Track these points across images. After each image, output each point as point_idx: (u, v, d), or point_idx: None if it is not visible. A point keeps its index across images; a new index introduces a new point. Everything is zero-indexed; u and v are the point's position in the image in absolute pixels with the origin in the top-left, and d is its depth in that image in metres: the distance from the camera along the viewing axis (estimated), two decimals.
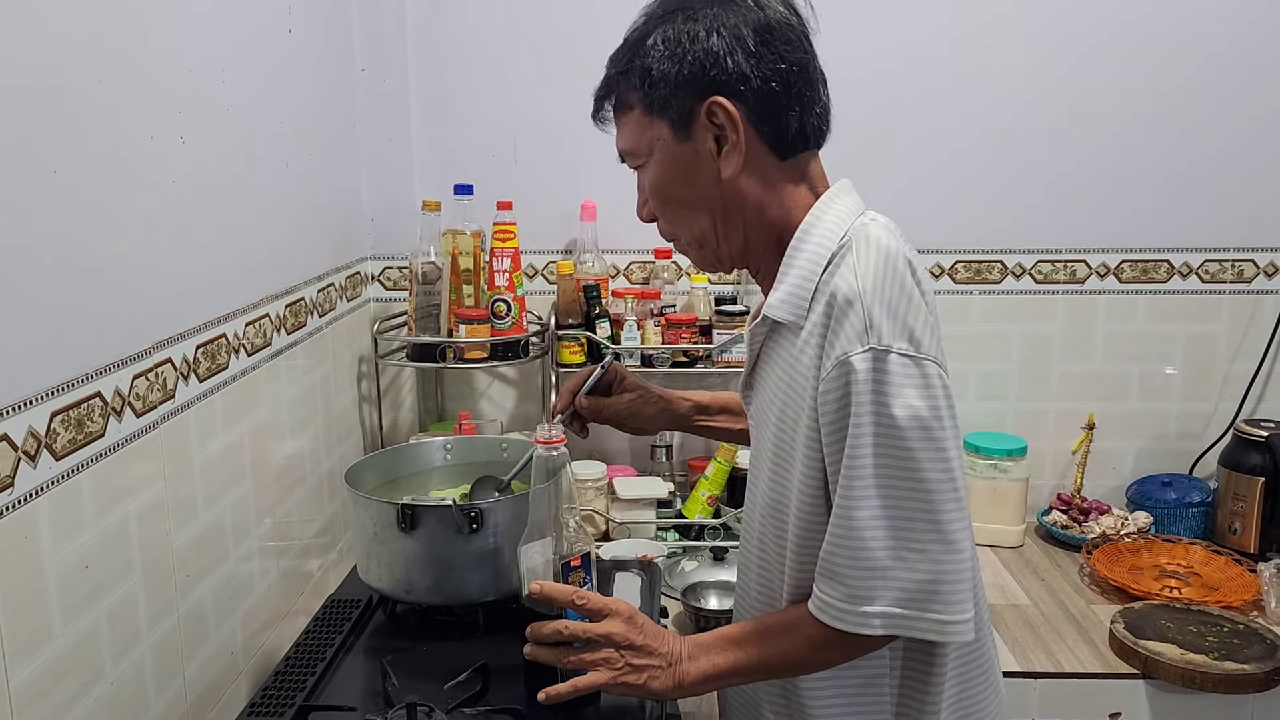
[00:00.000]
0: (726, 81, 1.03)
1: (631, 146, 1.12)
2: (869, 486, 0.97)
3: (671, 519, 2.09)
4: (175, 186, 1.26)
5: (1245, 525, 2.02)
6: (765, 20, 1.04)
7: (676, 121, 1.06)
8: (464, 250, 2.03)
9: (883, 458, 0.96)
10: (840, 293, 0.99)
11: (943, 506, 0.97)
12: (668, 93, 1.05)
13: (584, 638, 1.09)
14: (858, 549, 0.98)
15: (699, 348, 2.07)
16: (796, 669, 1.08)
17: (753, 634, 1.08)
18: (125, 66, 1.14)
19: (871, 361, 0.96)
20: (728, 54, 1.03)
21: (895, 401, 0.96)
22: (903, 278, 0.99)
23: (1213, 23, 2.10)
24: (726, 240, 1.11)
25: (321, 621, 1.38)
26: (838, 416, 0.98)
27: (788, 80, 1.04)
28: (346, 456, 1.94)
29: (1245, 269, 2.20)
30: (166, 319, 1.24)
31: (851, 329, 0.97)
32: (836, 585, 0.99)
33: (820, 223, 1.06)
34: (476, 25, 2.12)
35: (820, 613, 1.01)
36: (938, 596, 0.98)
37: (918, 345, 0.97)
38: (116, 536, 1.13)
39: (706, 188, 1.08)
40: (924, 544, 0.97)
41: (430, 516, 1.29)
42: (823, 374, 0.99)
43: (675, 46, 1.04)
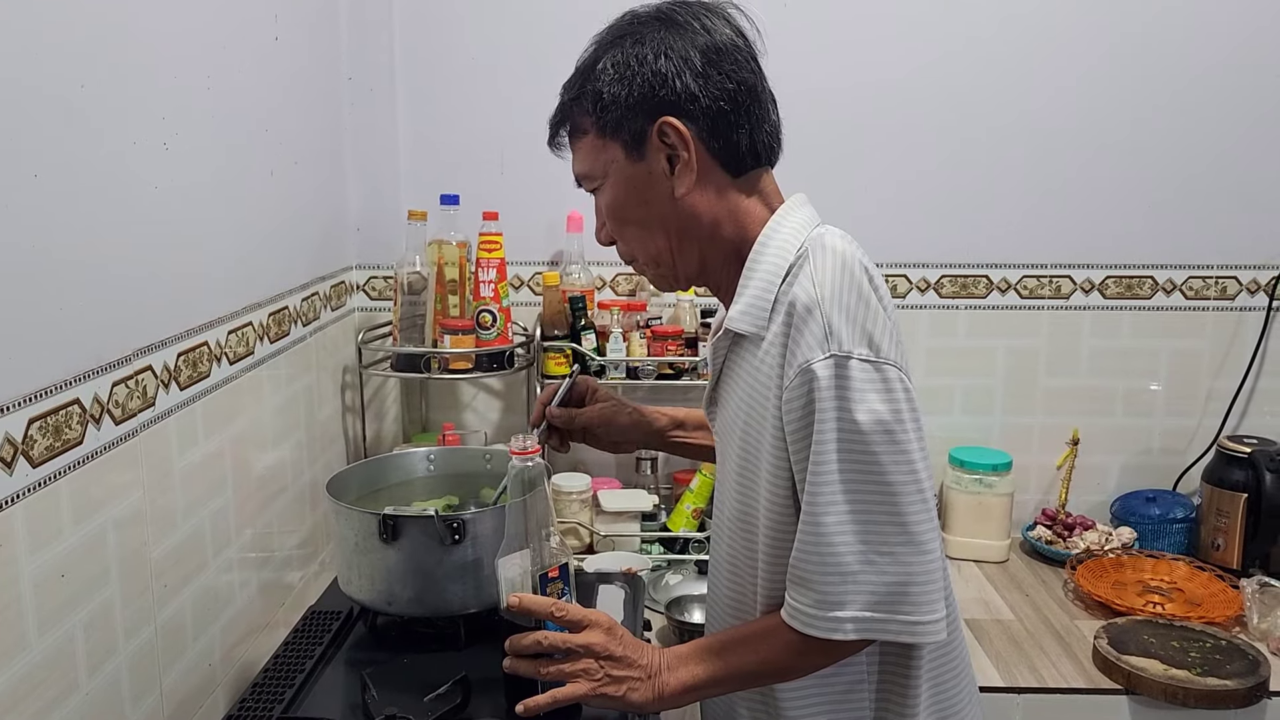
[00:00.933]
0: (676, 101, 1.06)
1: (587, 170, 1.14)
2: (835, 492, 0.98)
3: (656, 532, 2.08)
4: (158, 192, 1.25)
5: (1228, 541, 2.02)
6: (712, 43, 1.07)
7: (629, 143, 1.08)
8: (449, 260, 2.02)
9: (847, 463, 0.98)
10: (799, 301, 1.01)
11: (908, 509, 0.99)
12: (619, 115, 1.07)
13: (563, 649, 1.09)
14: (826, 555, 0.99)
15: (685, 360, 2.06)
16: (776, 676, 1.09)
17: (730, 643, 1.09)
18: (108, 72, 1.13)
19: (833, 368, 0.97)
20: (676, 75, 1.05)
21: (858, 407, 0.97)
22: (859, 284, 1.01)
23: (1197, 42, 2.12)
24: (682, 259, 1.13)
25: (301, 633, 1.37)
26: (802, 424, 1.00)
27: (736, 99, 1.07)
28: (329, 467, 1.92)
29: (1229, 286, 2.21)
30: (147, 326, 1.23)
31: (812, 336, 0.99)
32: (807, 592, 1.01)
33: (777, 235, 1.09)
34: (464, 34, 2.12)
35: (792, 619, 1.02)
36: (907, 598, 0.99)
37: (877, 350, 0.99)
38: (94, 545, 1.11)
39: (661, 207, 1.10)
40: (892, 547, 0.99)
41: (412, 527, 1.28)
42: (785, 382, 1.01)
43: (624, 70, 1.07)
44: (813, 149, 1.79)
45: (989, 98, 2.14)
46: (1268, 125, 2.15)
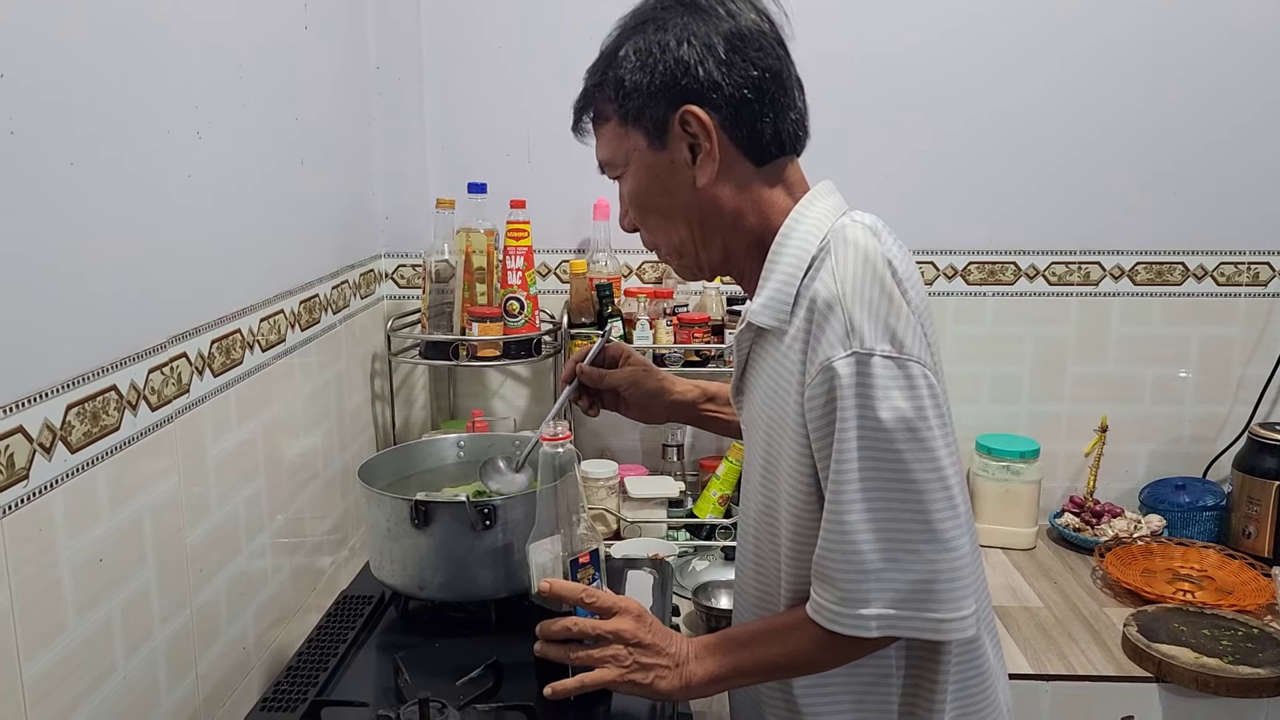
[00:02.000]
0: (698, 90, 1.04)
1: (609, 157, 1.13)
2: (857, 490, 0.97)
3: (683, 518, 2.08)
4: (192, 181, 1.26)
5: (1260, 529, 2.01)
6: (736, 28, 1.05)
7: (651, 131, 1.07)
8: (477, 249, 2.03)
9: (869, 461, 0.97)
10: (820, 297, 0.99)
11: (933, 506, 0.97)
12: (641, 103, 1.06)
13: (593, 634, 1.09)
14: (849, 552, 0.98)
15: (711, 347, 2.06)
16: (802, 669, 1.08)
17: (758, 635, 1.08)
18: (143, 62, 1.14)
19: (855, 365, 0.96)
20: (698, 63, 1.03)
21: (880, 404, 0.96)
22: (882, 278, 0.99)
23: (1229, 25, 2.09)
24: (705, 249, 1.12)
25: (334, 617, 1.38)
26: (824, 422, 0.98)
27: (760, 87, 1.05)
28: (359, 454, 1.94)
29: (1261, 272, 2.19)
30: (182, 313, 1.25)
31: (833, 333, 0.97)
32: (831, 588, 1.00)
33: (800, 226, 1.07)
34: (490, 24, 2.12)
35: (816, 615, 1.01)
36: (933, 595, 0.98)
37: (900, 346, 0.97)
38: (130, 530, 1.13)
39: (683, 196, 1.08)
40: (916, 545, 0.97)
41: (443, 513, 1.29)
42: (807, 380, 0.99)
43: (646, 57, 1.05)
44: (837, 134, 1.78)
45: (1016, 84, 2.12)
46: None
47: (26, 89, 0.94)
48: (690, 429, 2.24)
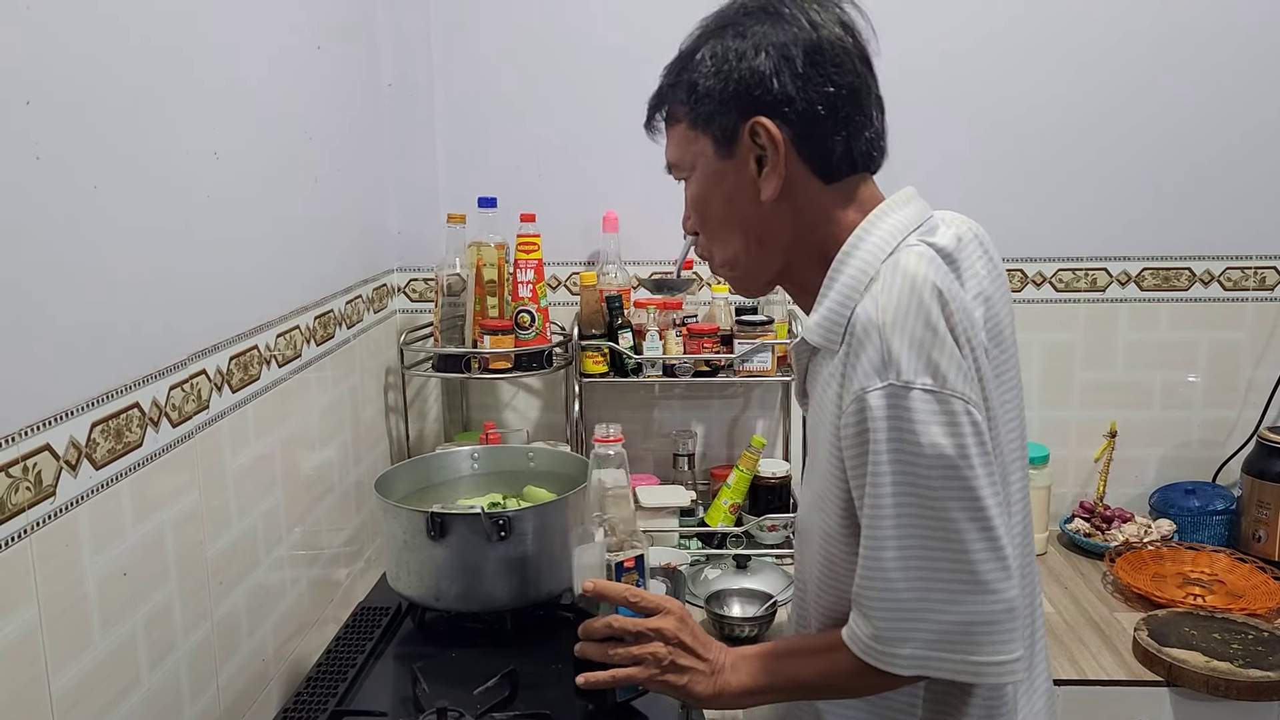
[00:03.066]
0: (770, 102, 1.01)
1: (677, 159, 1.11)
2: (891, 528, 0.93)
3: (694, 527, 2.10)
4: (210, 200, 1.29)
5: (1269, 533, 2.01)
6: (816, 41, 1.01)
7: (719, 139, 1.04)
8: (488, 262, 2.05)
9: (905, 498, 0.93)
10: (859, 322, 0.95)
11: (972, 549, 0.92)
12: (712, 109, 1.03)
13: (634, 631, 1.09)
14: (883, 589, 0.95)
15: (720, 357, 2.08)
16: (835, 693, 1.06)
17: (794, 653, 1.07)
18: (161, 86, 1.17)
19: (889, 398, 0.92)
20: (773, 74, 1.00)
21: (917, 440, 0.91)
22: (928, 310, 0.93)
23: (1234, 27, 2.10)
24: (758, 264, 1.09)
25: (352, 629, 1.40)
26: (857, 452, 0.95)
27: (834, 104, 1.01)
28: (374, 466, 1.96)
29: (1268, 276, 2.20)
30: (201, 331, 1.27)
31: (869, 362, 0.93)
32: (867, 622, 0.97)
33: (862, 245, 1.02)
34: (500, 40, 2.15)
35: (852, 643, 0.99)
36: (970, 639, 0.94)
37: (943, 381, 0.92)
38: (153, 545, 1.15)
39: (744, 208, 1.06)
40: (951, 588, 0.93)
41: (459, 525, 1.31)
42: (842, 407, 0.96)
43: (722, 63, 1.02)
44: None
45: (1020, 89, 2.14)
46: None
47: (51, 116, 0.96)
48: (702, 438, 2.26)
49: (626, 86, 2.14)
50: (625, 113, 2.14)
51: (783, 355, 2.10)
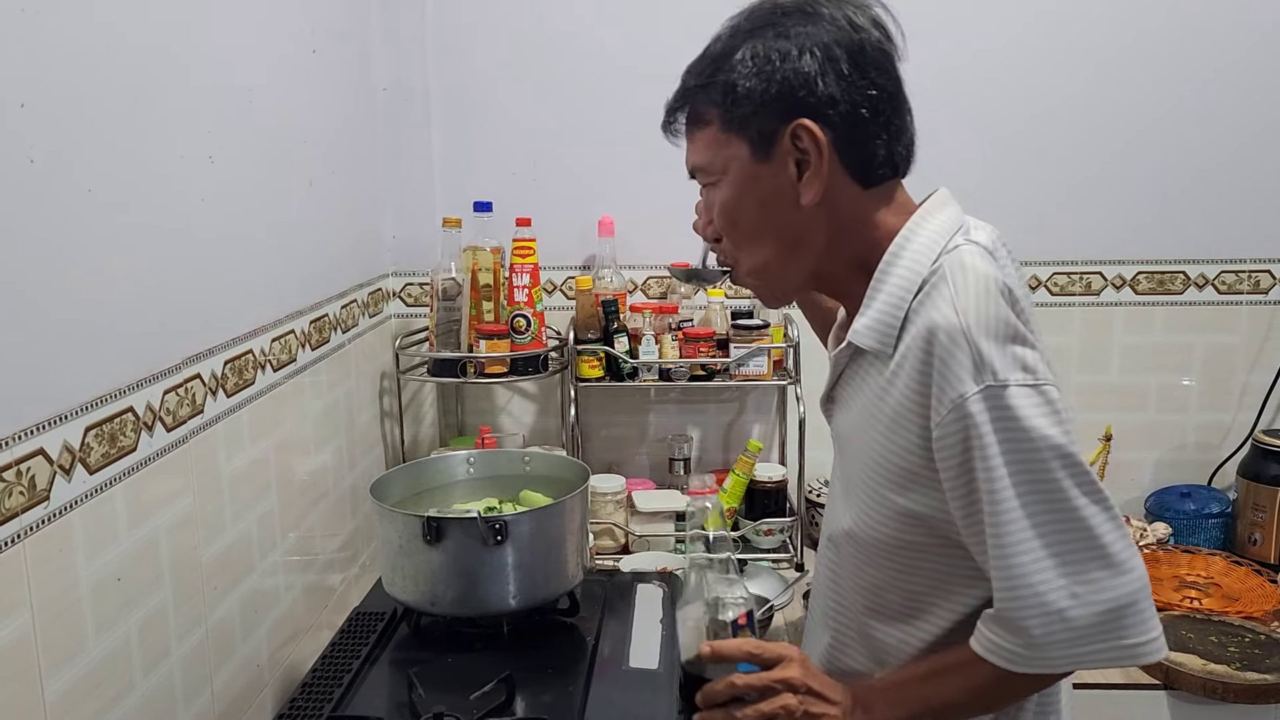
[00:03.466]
0: (815, 104, 0.98)
1: (704, 164, 1.07)
2: (1021, 530, 0.92)
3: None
4: (204, 204, 1.28)
5: (1265, 536, 2.02)
6: (859, 42, 0.99)
7: (756, 142, 1.01)
8: (484, 266, 2.05)
9: (1027, 495, 0.92)
10: (941, 328, 0.93)
11: (1100, 530, 0.92)
12: (750, 111, 1.00)
13: (759, 686, 1.01)
14: (1028, 597, 0.93)
15: (716, 361, 2.08)
16: (981, 708, 1.03)
17: (929, 677, 1.02)
18: (156, 90, 1.16)
19: (989, 400, 0.91)
20: (819, 75, 0.98)
21: (1028, 434, 0.91)
22: (1004, 307, 0.94)
23: (1228, 33, 2.11)
24: (787, 272, 1.07)
25: (347, 634, 1.40)
26: (961, 462, 0.93)
27: (877, 107, 1.00)
28: (369, 471, 1.95)
29: (1262, 280, 2.20)
30: (196, 335, 1.26)
31: (961, 368, 0.92)
32: (1016, 633, 0.94)
33: (909, 246, 1.01)
34: (495, 44, 2.15)
35: (996, 657, 0.96)
36: (1119, 623, 0.93)
37: (1034, 373, 0.93)
38: (147, 549, 1.14)
39: (780, 214, 1.03)
40: (1092, 576, 0.92)
41: (455, 529, 1.30)
42: (937, 419, 0.94)
43: (764, 64, 0.99)
44: None
45: (1014, 93, 2.14)
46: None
47: (46, 118, 0.96)
48: (698, 442, 2.25)
49: (622, 91, 2.16)
50: (621, 117, 2.16)
51: (778, 359, 2.10)
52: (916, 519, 1.00)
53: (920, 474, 0.98)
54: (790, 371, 2.10)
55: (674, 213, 2.20)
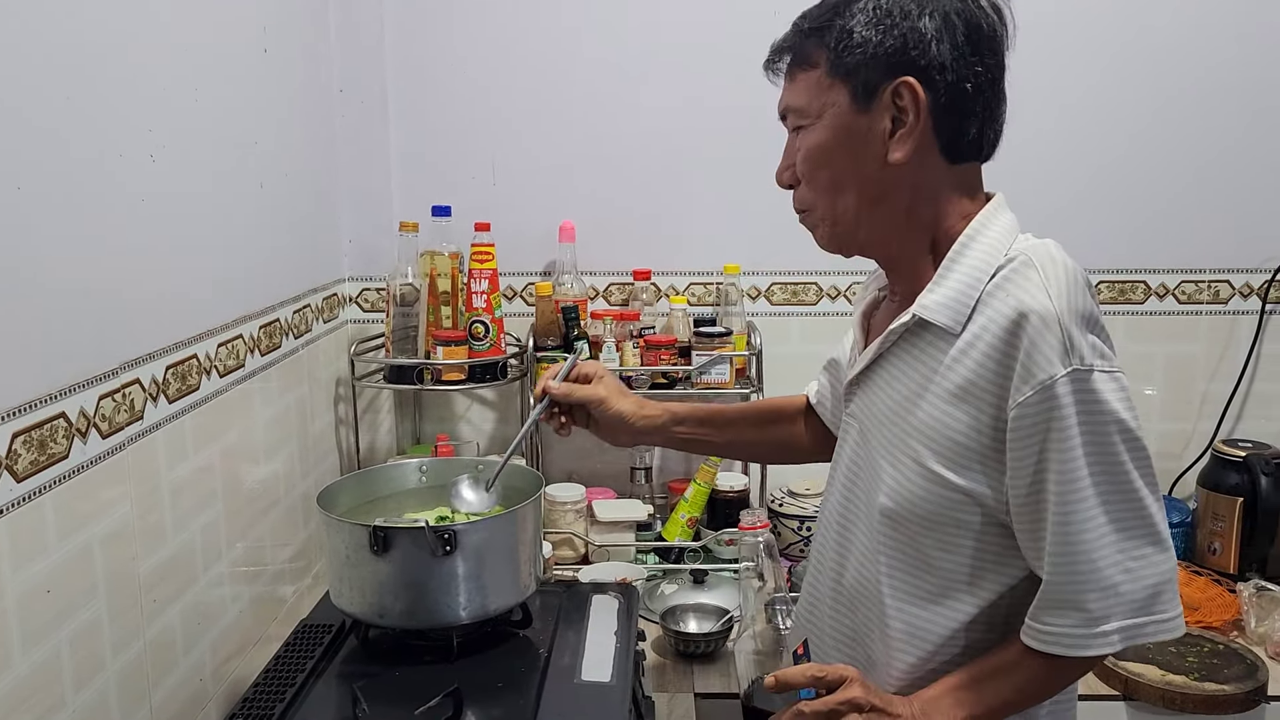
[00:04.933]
0: (924, 66, 1.01)
1: (802, 105, 1.08)
2: (1091, 506, 0.97)
3: (651, 542, 2.07)
4: (145, 204, 1.25)
5: (1224, 545, 2.02)
6: (976, 19, 1.03)
7: (859, 91, 1.03)
8: (442, 272, 2.02)
9: (1099, 475, 0.97)
10: (1034, 311, 0.96)
11: (1150, 509, 0.98)
12: (861, 59, 1.02)
13: (826, 710, 1.03)
14: (1087, 572, 0.98)
15: (678, 369, 2.06)
16: (1033, 701, 1.07)
17: (981, 678, 1.05)
18: (93, 85, 1.13)
19: (1077, 382, 0.95)
20: (935, 39, 1.00)
21: (1105, 417, 0.96)
22: (1089, 297, 0.99)
23: (1186, 52, 2.12)
24: (865, 225, 1.08)
25: (292, 647, 1.36)
26: (1040, 441, 0.97)
27: (980, 85, 1.03)
28: (322, 480, 1.91)
29: (1221, 290, 2.21)
30: (135, 338, 1.23)
31: (1050, 349, 0.96)
32: (1070, 613, 0.99)
33: (986, 232, 1.05)
34: (455, 47, 2.12)
35: (1053, 646, 1.00)
36: (1160, 598, 0.99)
37: (1111, 360, 0.98)
38: (80, 560, 1.11)
39: (867, 167, 1.05)
40: (1144, 552, 0.98)
41: (403, 539, 1.27)
42: (1019, 399, 0.97)
43: (885, 16, 1.02)
44: None
45: None
46: (1257, 132, 2.15)
47: None
48: (659, 451, 2.23)
49: (584, 95, 2.14)
50: (583, 121, 2.14)
51: (740, 368, 2.08)
52: (969, 496, 1.03)
53: (985, 452, 1.01)
54: (753, 380, 2.09)
55: (635, 219, 2.20)
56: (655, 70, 2.11)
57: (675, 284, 2.23)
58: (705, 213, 2.19)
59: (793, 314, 2.24)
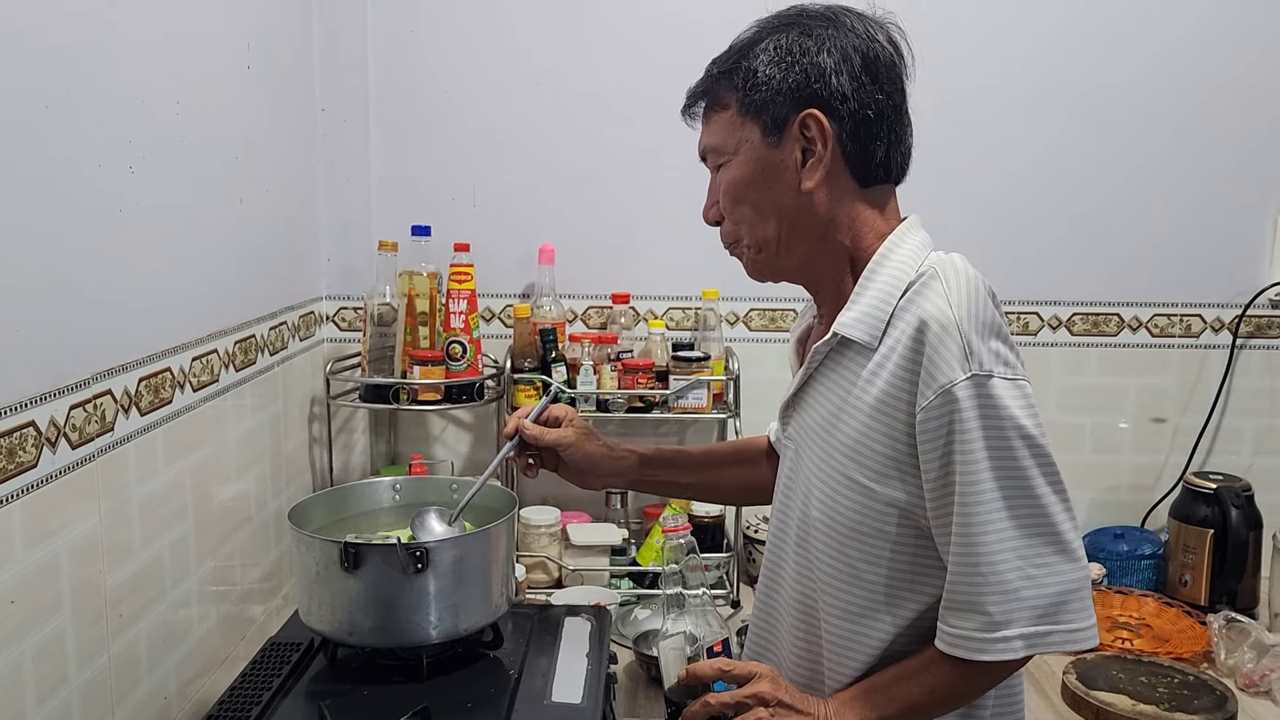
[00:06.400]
0: (826, 98, 1.07)
1: (718, 144, 1.14)
2: (991, 511, 0.98)
3: (626, 566, 2.06)
4: (123, 215, 1.24)
5: (1195, 577, 2.03)
6: (873, 52, 1.08)
7: (769, 126, 1.09)
8: (420, 292, 2.02)
9: (1002, 479, 0.98)
10: (934, 319, 1.00)
11: (1058, 519, 0.99)
12: (767, 96, 1.08)
13: (733, 703, 1.08)
14: (988, 575, 0.99)
15: (655, 393, 2.06)
16: (945, 706, 1.08)
17: (894, 681, 1.08)
18: (73, 95, 1.13)
19: (975, 388, 0.98)
20: (834, 72, 1.06)
21: (1005, 423, 0.98)
22: (990, 306, 1.02)
23: (1162, 84, 2.16)
24: (786, 251, 1.13)
25: (259, 665, 1.34)
26: (942, 445, 1.00)
27: (883, 111, 1.08)
28: (295, 498, 1.89)
29: (1193, 323, 2.23)
30: (108, 349, 1.22)
31: (951, 356, 0.99)
32: (972, 616, 1.01)
33: (899, 249, 1.09)
34: (437, 69, 2.13)
35: (956, 648, 1.02)
36: (1067, 608, 1.00)
37: (1014, 368, 1.00)
38: (46, 572, 1.09)
39: (783, 196, 1.10)
40: (1046, 559, 0.99)
41: (374, 556, 1.26)
42: (922, 403, 1.00)
43: (785, 55, 1.08)
44: None
45: (953, 138, 2.17)
46: (1230, 169, 2.19)
47: None
48: None
49: (565, 118, 2.15)
50: (563, 144, 2.15)
51: (718, 393, 2.09)
52: (894, 506, 1.05)
53: (903, 461, 1.04)
54: (730, 405, 2.09)
55: (614, 242, 2.20)
56: (636, 96, 2.13)
57: (654, 308, 2.23)
58: (684, 237, 2.18)
59: (771, 340, 2.24)
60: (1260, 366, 2.25)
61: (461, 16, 2.12)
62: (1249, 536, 1.98)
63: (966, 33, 2.14)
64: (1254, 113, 2.17)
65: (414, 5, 2.11)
